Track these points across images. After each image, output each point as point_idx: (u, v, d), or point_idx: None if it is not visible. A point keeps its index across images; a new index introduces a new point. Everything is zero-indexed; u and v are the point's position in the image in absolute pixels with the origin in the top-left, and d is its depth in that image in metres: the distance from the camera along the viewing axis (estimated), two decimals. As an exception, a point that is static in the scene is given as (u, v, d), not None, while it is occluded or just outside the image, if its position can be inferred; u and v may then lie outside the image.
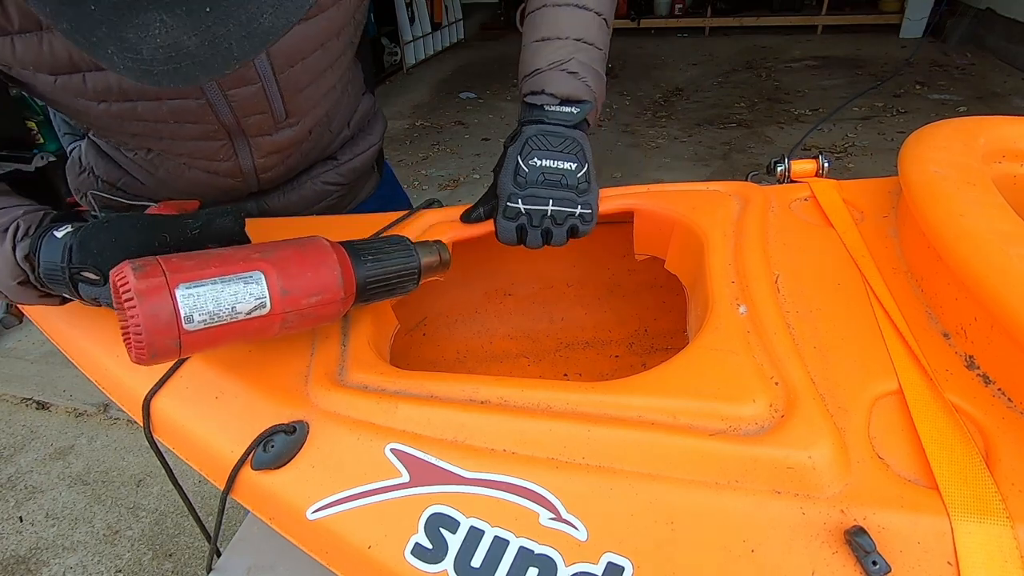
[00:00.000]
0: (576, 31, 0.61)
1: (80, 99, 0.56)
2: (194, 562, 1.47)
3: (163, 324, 0.39)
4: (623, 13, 5.93)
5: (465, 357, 0.87)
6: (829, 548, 0.38)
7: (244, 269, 0.42)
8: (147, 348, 0.39)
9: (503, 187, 0.61)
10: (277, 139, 0.67)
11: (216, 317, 0.41)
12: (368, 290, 0.51)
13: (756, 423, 0.44)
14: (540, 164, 0.60)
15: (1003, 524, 0.37)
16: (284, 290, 0.44)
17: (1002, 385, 0.45)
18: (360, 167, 0.83)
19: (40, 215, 0.50)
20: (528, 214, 0.61)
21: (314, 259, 0.46)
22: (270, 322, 0.44)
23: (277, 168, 0.72)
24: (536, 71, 0.62)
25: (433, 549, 0.41)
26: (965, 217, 0.50)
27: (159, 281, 0.39)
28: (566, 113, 0.61)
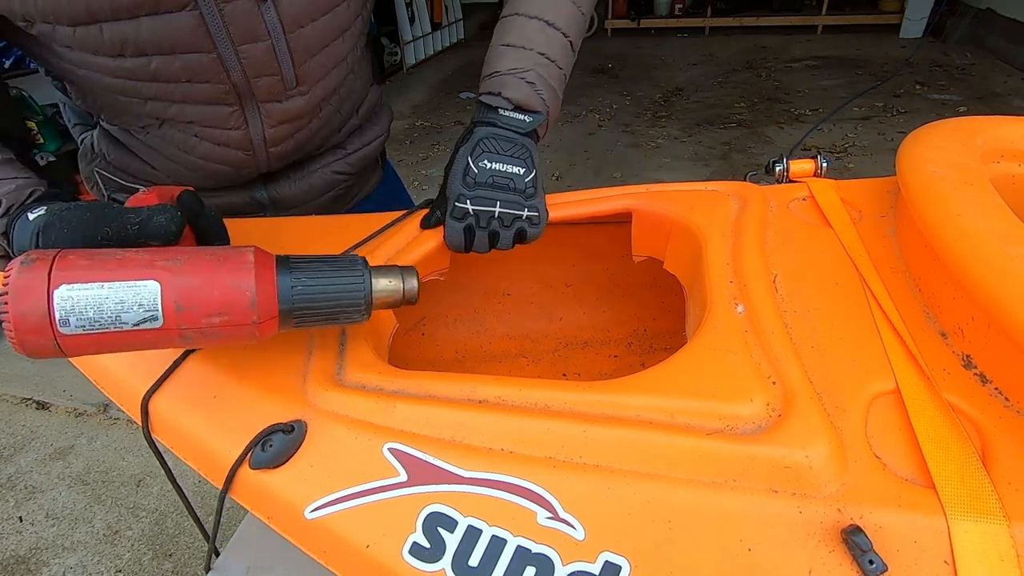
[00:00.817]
0: (541, 46, 0.63)
1: (97, 56, 0.56)
2: (194, 562, 1.47)
3: (34, 325, 0.37)
4: (623, 13, 5.94)
5: (464, 357, 0.87)
6: (826, 547, 0.38)
7: (138, 276, 0.39)
8: (19, 345, 0.38)
9: (452, 187, 0.61)
10: (287, 107, 0.67)
11: (97, 324, 0.38)
12: (295, 315, 0.45)
13: (754, 422, 0.44)
14: (490, 167, 0.60)
15: (1000, 523, 0.37)
16: (180, 306, 0.40)
17: (999, 384, 0.45)
18: (368, 156, 0.85)
19: (26, 192, 0.50)
20: (476, 215, 0.60)
21: (225, 274, 0.42)
22: (166, 336, 0.41)
23: (287, 143, 0.72)
24: (496, 73, 0.63)
25: (431, 548, 0.41)
26: (963, 217, 0.50)
27: (39, 278, 0.37)
28: (518, 120, 0.62)
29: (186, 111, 0.64)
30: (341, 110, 0.77)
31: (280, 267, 0.45)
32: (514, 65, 0.62)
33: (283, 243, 0.68)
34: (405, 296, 0.50)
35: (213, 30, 0.56)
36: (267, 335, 0.44)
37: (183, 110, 0.64)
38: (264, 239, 0.69)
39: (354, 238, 0.66)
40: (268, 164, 0.74)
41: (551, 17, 0.64)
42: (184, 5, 0.54)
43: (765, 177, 0.74)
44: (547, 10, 0.64)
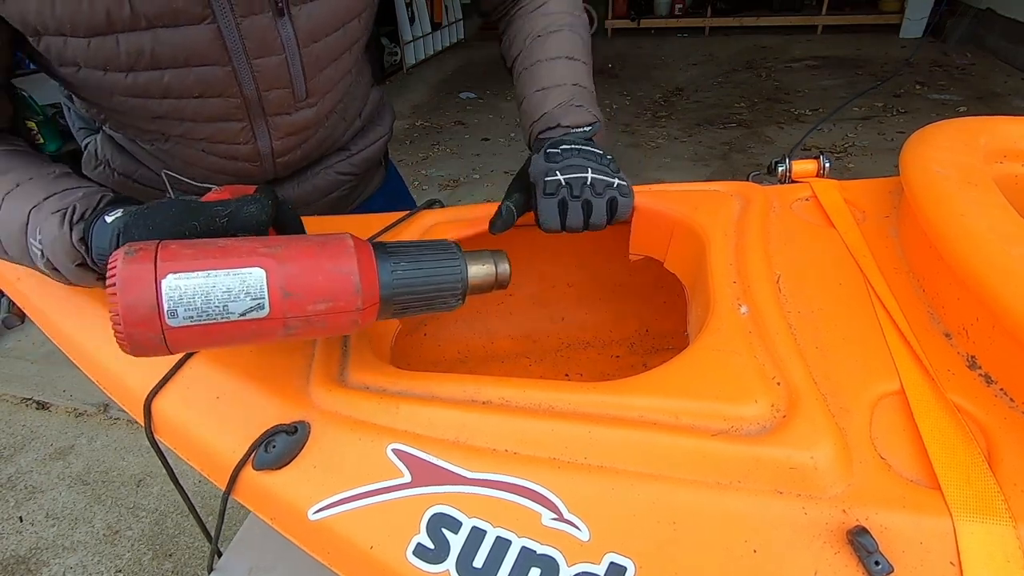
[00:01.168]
0: (572, 78, 0.68)
1: (108, 71, 0.56)
2: (194, 562, 1.47)
3: (143, 316, 0.36)
4: (623, 13, 5.94)
5: (466, 357, 0.87)
6: (831, 548, 0.38)
7: (243, 264, 0.38)
8: (127, 339, 0.36)
9: (536, 171, 0.60)
10: (295, 119, 0.68)
11: (204, 315, 0.37)
12: (396, 302, 0.44)
13: (758, 423, 0.44)
14: (571, 147, 0.61)
15: (1006, 524, 0.37)
16: (286, 292, 0.38)
17: (1004, 385, 0.45)
18: (371, 157, 0.86)
19: (97, 197, 0.50)
20: (568, 184, 0.58)
21: (329, 260, 0.40)
22: (270, 327, 0.39)
23: (293, 153, 0.73)
24: (544, 114, 0.66)
25: (435, 549, 0.41)
26: (966, 217, 0.50)
27: (147, 268, 0.36)
28: (578, 132, 0.64)
29: (195, 129, 0.64)
30: (345, 116, 0.79)
31: (378, 253, 0.44)
32: (559, 100, 0.66)
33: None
34: (498, 280, 0.49)
35: (229, 43, 0.57)
36: (367, 324, 0.43)
37: (192, 128, 0.64)
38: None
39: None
40: (275, 173, 0.74)
41: (569, 52, 0.69)
42: (203, 18, 0.54)
43: (767, 177, 0.74)
44: (564, 47, 0.69)
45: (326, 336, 0.45)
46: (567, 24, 0.71)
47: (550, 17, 0.71)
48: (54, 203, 0.48)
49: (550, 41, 0.70)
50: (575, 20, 0.72)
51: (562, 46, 0.69)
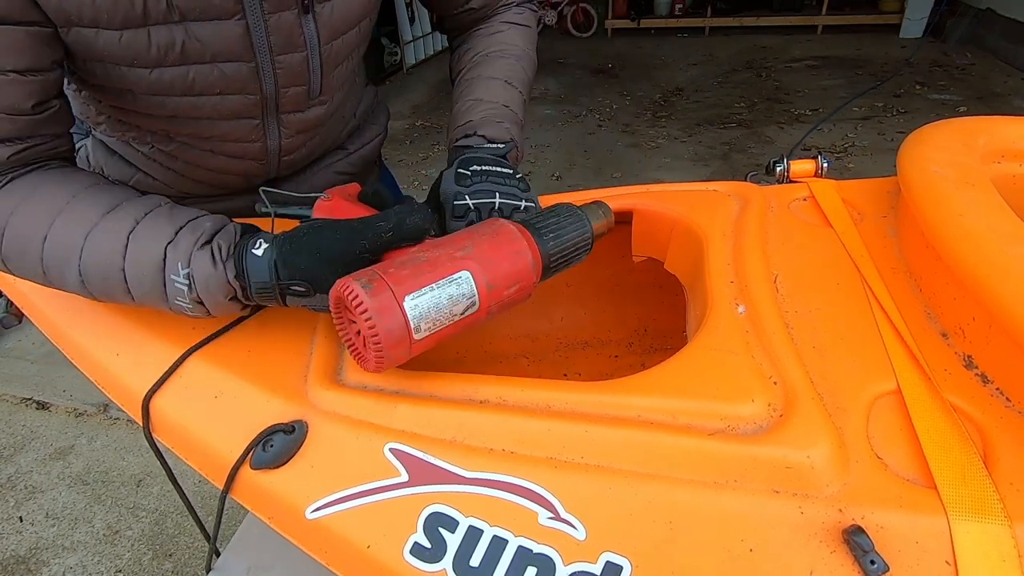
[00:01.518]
0: (504, 99, 0.71)
1: (135, 66, 0.55)
2: (194, 562, 1.47)
3: (397, 337, 0.42)
4: (623, 13, 5.93)
5: (464, 357, 0.87)
6: (827, 547, 0.38)
7: (453, 271, 0.44)
8: (386, 359, 0.42)
9: (446, 192, 0.60)
10: (306, 116, 0.69)
11: (437, 323, 0.43)
12: (552, 267, 0.51)
13: (755, 423, 0.44)
14: (481, 168, 0.61)
15: (1001, 523, 0.37)
16: (490, 285, 0.45)
17: (1000, 385, 0.45)
18: (368, 156, 0.88)
19: (232, 229, 0.51)
20: (477, 209, 0.59)
21: (508, 248, 0.47)
22: (478, 317, 0.46)
23: (299, 152, 0.74)
24: (469, 121, 0.68)
25: (432, 548, 0.41)
26: (964, 217, 0.50)
27: (389, 297, 0.41)
28: (494, 147, 0.66)
29: (207, 127, 0.65)
30: (344, 114, 0.81)
31: (531, 230, 0.50)
32: (485, 113, 0.68)
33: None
34: (609, 225, 0.57)
35: (256, 40, 0.58)
36: (535, 290, 0.50)
37: (206, 126, 0.64)
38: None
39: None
40: (277, 172, 0.76)
41: (509, 78, 0.72)
42: (233, 13, 0.55)
43: (766, 177, 0.74)
44: (506, 73, 0.73)
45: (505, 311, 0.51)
46: (515, 55, 0.74)
47: (502, 44, 0.75)
48: (189, 237, 0.49)
49: (495, 63, 0.73)
50: (524, 55, 0.75)
51: (505, 71, 0.72)
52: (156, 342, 0.56)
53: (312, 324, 0.57)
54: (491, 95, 0.70)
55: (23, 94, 0.49)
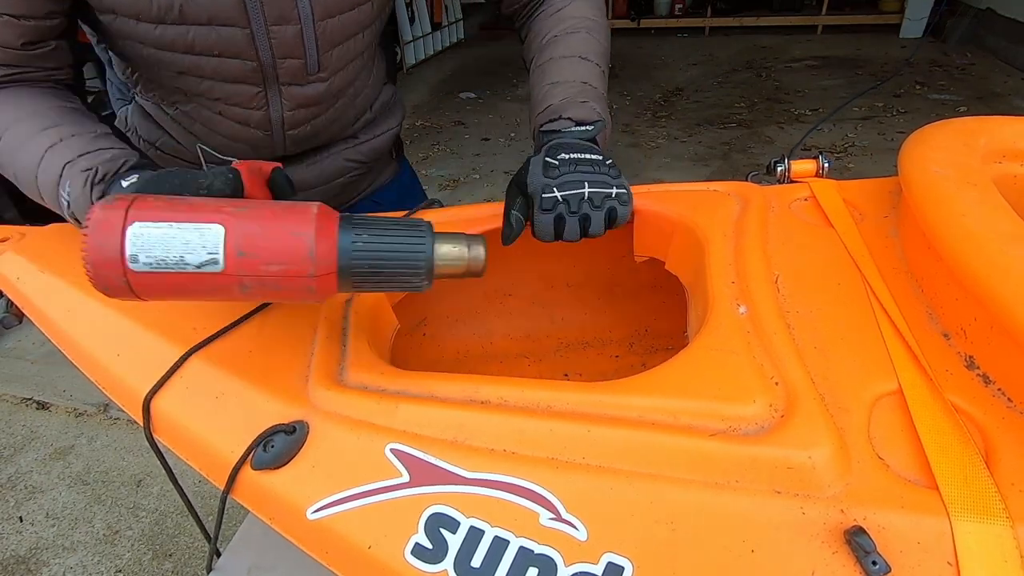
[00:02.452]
0: (582, 76, 0.69)
1: (140, 21, 0.61)
2: (194, 562, 1.47)
3: (107, 258, 0.39)
4: (623, 13, 5.94)
5: (465, 357, 0.87)
6: (829, 548, 0.38)
7: (205, 220, 0.40)
8: (95, 278, 0.40)
9: (534, 184, 0.60)
10: (307, 91, 0.72)
11: (163, 263, 0.40)
12: (354, 273, 0.44)
13: (756, 423, 0.44)
14: (568, 156, 0.60)
15: (1003, 524, 0.37)
16: (241, 251, 0.40)
17: (1002, 385, 0.45)
18: (379, 148, 0.91)
19: (120, 161, 0.54)
20: (566, 201, 0.58)
21: (287, 224, 0.41)
22: (226, 283, 0.41)
23: (303, 128, 0.76)
24: (550, 106, 0.66)
25: (433, 549, 0.41)
26: (965, 217, 0.50)
27: (117, 215, 0.39)
28: (583, 131, 0.64)
29: (213, 88, 0.68)
30: (355, 103, 0.83)
31: (343, 222, 0.44)
32: (565, 95, 0.66)
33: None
34: (470, 266, 0.48)
35: (250, 8, 0.62)
36: (326, 293, 0.44)
37: (212, 86, 0.68)
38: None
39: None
40: (284, 147, 0.78)
41: (583, 52, 0.70)
42: None
43: (766, 177, 0.74)
44: (579, 48, 0.71)
45: (285, 301, 0.48)
46: (584, 27, 0.72)
47: (568, 20, 0.73)
48: (84, 162, 0.54)
49: (566, 41, 0.71)
50: (594, 24, 0.73)
51: (577, 46, 0.71)
52: (156, 342, 0.56)
53: (313, 324, 0.57)
54: (568, 75, 0.68)
55: (14, 34, 0.57)
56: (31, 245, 0.69)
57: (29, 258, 0.66)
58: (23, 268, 0.66)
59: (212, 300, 0.45)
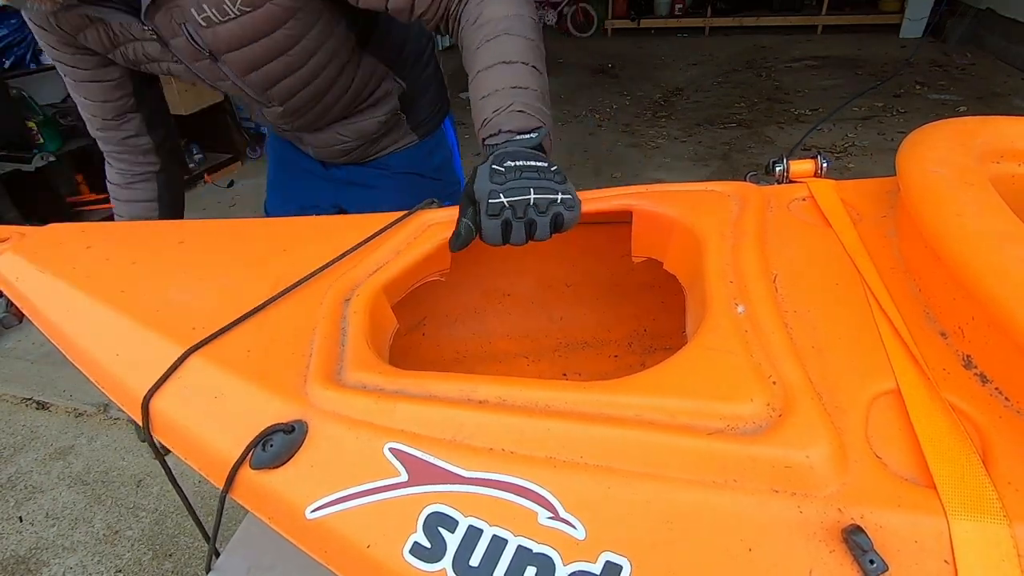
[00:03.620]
0: (509, 81, 0.68)
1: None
2: (194, 562, 1.46)
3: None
4: (623, 13, 5.93)
5: (464, 357, 0.87)
6: (826, 547, 0.38)
7: None
8: None
9: (481, 190, 0.61)
10: (272, 110, 0.91)
11: None
12: None
13: (754, 422, 0.44)
14: (515, 163, 0.61)
15: (1000, 523, 0.37)
16: None
17: (999, 384, 0.45)
18: (365, 131, 1.02)
19: None
20: (512, 207, 0.60)
21: None
22: None
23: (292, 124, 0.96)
24: (486, 121, 0.67)
25: (432, 548, 0.41)
26: (963, 217, 0.50)
27: None
28: (525, 139, 0.64)
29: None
30: (340, 101, 0.94)
31: None
32: (497, 106, 0.66)
33: (284, 242, 0.68)
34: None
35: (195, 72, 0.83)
36: None
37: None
38: (268, 237, 0.69)
39: (356, 238, 0.66)
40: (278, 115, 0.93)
41: (506, 56, 0.69)
42: (174, 58, 0.80)
43: (765, 177, 0.74)
44: (501, 53, 0.69)
45: None
46: (503, 29, 0.71)
47: (486, 27, 0.71)
48: None
49: (485, 51, 0.71)
50: (513, 23, 0.71)
51: (496, 52, 0.70)
52: (155, 341, 0.56)
53: (312, 323, 0.57)
54: (494, 84, 0.68)
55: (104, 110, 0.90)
56: (31, 245, 0.69)
57: (29, 258, 0.66)
58: (23, 268, 0.66)
59: None
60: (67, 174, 2.95)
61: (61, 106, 2.86)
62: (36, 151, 2.52)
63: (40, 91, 2.74)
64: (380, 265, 0.64)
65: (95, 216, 2.94)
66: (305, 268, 0.63)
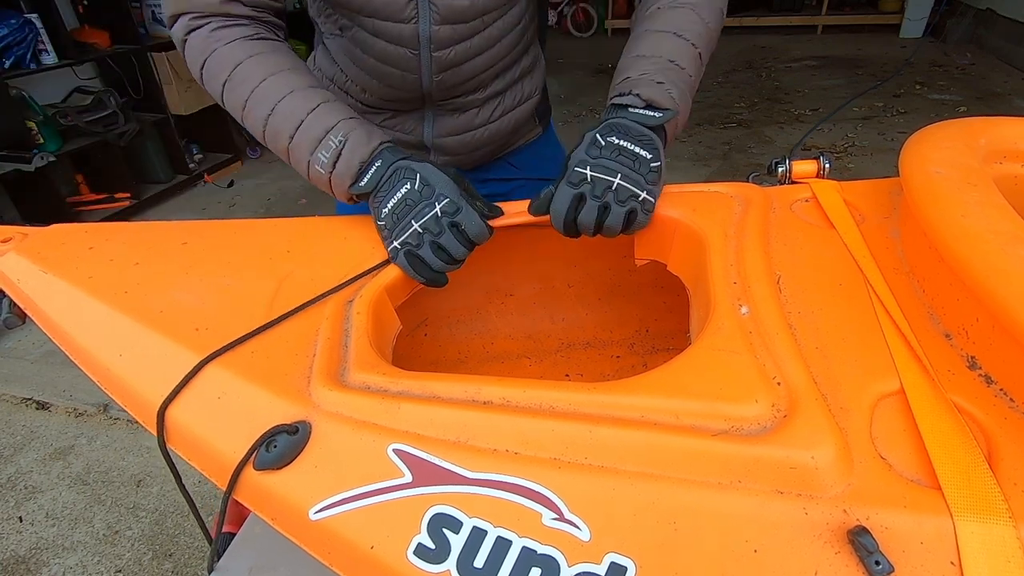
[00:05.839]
0: (670, 53, 0.66)
1: None
2: (194, 562, 1.47)
3: None
4: (623, 13, 5.93)
5: (466, 358, 0.87)
6: (832, 548, 0.38)
7: None
8: None
9: (573, 157, 0.60)
10: (453, 3, 0.71)
11: None
12: None
13: (758, 423, 0.44)
14: (618, 143, 0.60)
15: (1006, 524, 0.37)
16: None
17: (1004, 385, 0.45)
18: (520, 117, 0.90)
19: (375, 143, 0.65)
20: (593, 182, 0.59)
21: None
22: None
23: (449, 52, 0.75)
24: (627, 78, 0.65)
25: (436, 549, 0.41)
26: (966, 218, 0.50)
27: None
28: (648, 116, 0.62)
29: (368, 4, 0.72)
30: (502, 41, 0.79)
31: None
32: (645, 70, 0.64)
33: (288, 242, 0.68)
34: None
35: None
36: None
37: (365, 3, 0.72)
38: (272, 238, 0.69)
39: (360, 238, 0.66)
40: (431, 76, 0.78)
41: (679, 29, 0.67)
42: None
43: (767, 178, 0.74)
44: (676, 24, 0.67)
45: None
46: (690, 3, 0.68)
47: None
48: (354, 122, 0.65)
49: (665, 15, 0.68)
50: (703, 2, 0.69)
51: (675, 21, 0.67)
52: (158, 342, 0.56)
53: (316, 324, 0.57)
54: (655, 49, 0.66)
55: None
56: (33, 245, 0.69)
57: (31, 258, 0.66)
58: (25, 268, 0.65)
59: None
60: (67, 174, 2.95)
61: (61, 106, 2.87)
62: (36, 151, 2.52)
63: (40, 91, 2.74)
64: (383, 267, 0.64)
65: (95, 216, 2.94)
66: (310, 269, 0.63)
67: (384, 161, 0.64)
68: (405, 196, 0.62)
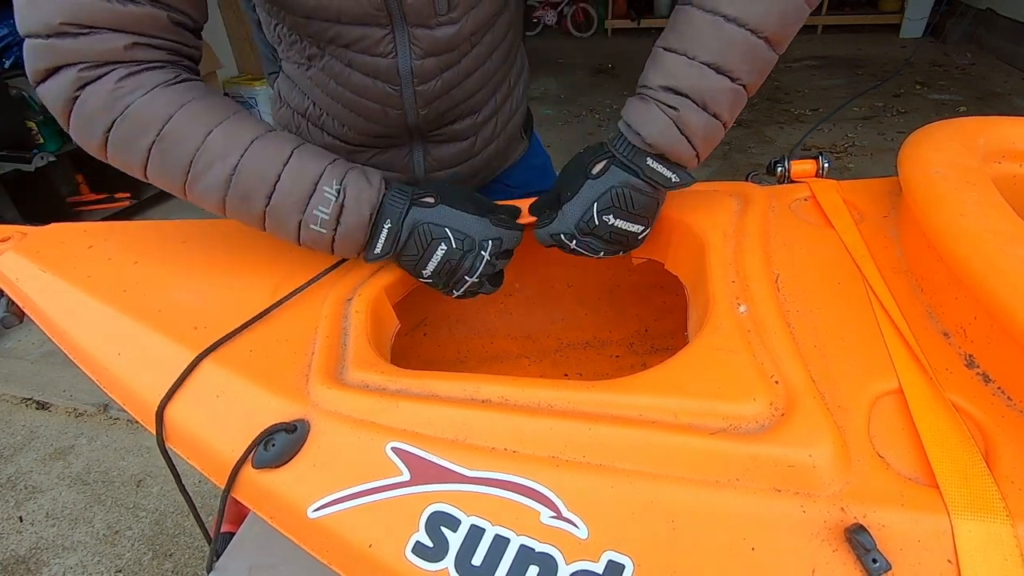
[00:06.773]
0: (712, 51, 0.51)
1: None
2: (194, 562, 1.46)
3: None
4: (623, 13, 5.94)
5: (465, 357, 0.87)
6: (829, 546, 0.38)
7: None
8: None
9: (567, 218, 0.60)
10: (436, 35, 0.64)
11: None
12: None
13: (756, 422, 0.44)
14: (612, 223, 0.59)
15: (1003, 522, 0.37)
16: None
17: (1002, 384, 0.46)
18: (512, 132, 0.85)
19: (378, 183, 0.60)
20: (574, 252, 0.63)
21: None
22: None
23: (434, 83, 0.68)
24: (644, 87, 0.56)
25: (434, 547, 0.41)
26: (965, 217, 0.50)
27: None
28: (664, 177, 0.57)
29: (342, 33, 0.62)
30: (492, 58, 0.73)
31: None
32: (664, 82, 0.54)
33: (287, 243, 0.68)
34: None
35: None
36: None
37: (339, 32, 0.62)
38: (272, 237, 0.69)
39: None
40: (416, 111, 0.70)
41: (732, 11, 0.50)
42: None
43: (766, 177, 0.74)
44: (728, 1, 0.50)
45: None
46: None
47: None
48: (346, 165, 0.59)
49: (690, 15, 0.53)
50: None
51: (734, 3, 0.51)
52: (157, 341, 0.56)
53: (314, 323, 0.57)
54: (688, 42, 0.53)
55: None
56: (32, 245, 0.69)
57: (30, 258, 0.66)
58: (24, 268, 0.66)
59: None
60: (67, 174, 2.95)
61: (61, 106, 2.86)
62: (36, 151, 2.52)
63: (40, 91, 2.74)
64: (381, 265, 0.64)
65: (95, 216, 2.94)
66: (309, 268, 0.63)
67: (393, 219, 0.58)
68: (446, 257, 0.59)
